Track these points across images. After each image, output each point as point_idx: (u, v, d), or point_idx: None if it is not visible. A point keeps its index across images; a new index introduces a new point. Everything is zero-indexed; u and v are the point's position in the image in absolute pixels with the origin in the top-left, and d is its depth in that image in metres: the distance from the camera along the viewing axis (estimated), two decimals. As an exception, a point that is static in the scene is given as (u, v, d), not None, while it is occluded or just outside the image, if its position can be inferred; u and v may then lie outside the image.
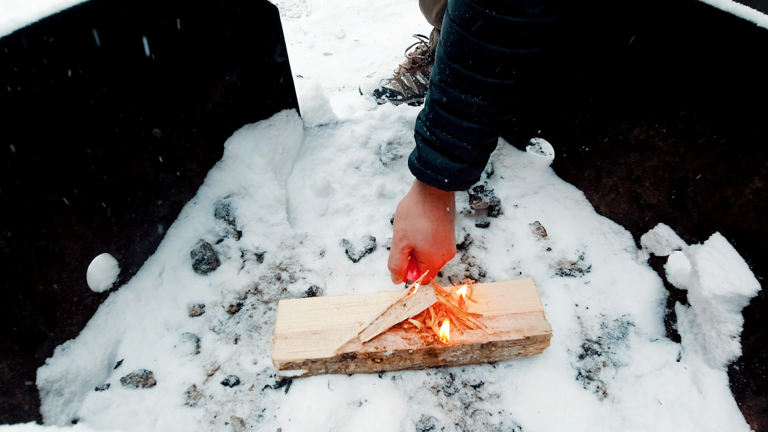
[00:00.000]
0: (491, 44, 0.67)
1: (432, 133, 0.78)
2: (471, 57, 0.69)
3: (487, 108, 0.73)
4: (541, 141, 1.34)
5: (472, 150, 0.77)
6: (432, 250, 0.85)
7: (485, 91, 0.71)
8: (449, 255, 0.88)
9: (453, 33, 0.69)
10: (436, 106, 0.76)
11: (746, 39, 0.67)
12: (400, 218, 0.87)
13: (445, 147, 0.77)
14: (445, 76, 0.73)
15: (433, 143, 0.79)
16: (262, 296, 1.00)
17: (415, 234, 0.84)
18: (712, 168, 0.80)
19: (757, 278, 0.74)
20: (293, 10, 2.36)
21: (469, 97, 0.72)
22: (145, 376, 0.86)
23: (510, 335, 0.81)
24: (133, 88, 0.85)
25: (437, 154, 0.78)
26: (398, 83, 1.56)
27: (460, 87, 0.72)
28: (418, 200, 0.85)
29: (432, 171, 0.79)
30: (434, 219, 0.84)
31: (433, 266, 0.87)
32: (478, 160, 0.80)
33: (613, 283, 0.98)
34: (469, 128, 0.75)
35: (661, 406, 0.81)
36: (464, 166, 0.79)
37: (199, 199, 1.08)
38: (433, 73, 0.77)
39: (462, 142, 0.76)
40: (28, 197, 0.72)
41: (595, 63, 0.92)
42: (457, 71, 0.71)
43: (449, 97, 0.73)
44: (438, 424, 0.81)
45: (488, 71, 0.69)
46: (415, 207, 0.85)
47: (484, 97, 0.72)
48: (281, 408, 0.83)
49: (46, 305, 0.78)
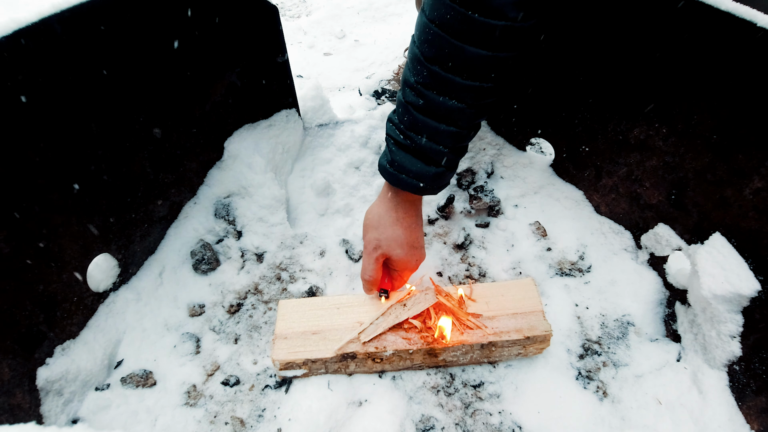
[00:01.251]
0: (472, 47, 0.65)
1: (406, 136, 0.75)
2: (450, 59, 0.67)
3: (465, 111, 0.71)
4: (541, 141, 1.34)
5: (449, 153, 0.75)
6: (407, 257, 0.83)
7: (464, 94, 0.70)
8: (421, 259, 0.86)
9: (431, 34, 0.67)
10: (411, 109, 0.73)
11: (746, 39, 0.67)
12: (371, 227, 0.84)
13: (421, 150, 0.75)
14: (422, 78, 0.71)
15: (408, 147, 0.76)
16: (262, 296, 1.00)
17: (389, 243, 0.81)
18: (712, 168, 0.80)
19: (757, 278, 0.74)
20: (293, 10, 2.36)
21: (447, 99, 0.70)
22: (145, 376, 0.86)
23: (510, 335, 0.81)
24: (133, 88, 0.85)
25: (412, 158, 0.76)
26: (398, 84, 1.56)
27: (437, 89, 0.70)
28: (389, 207, 0.82)
29: (406, 175, 0.77)
30: (407, 226, 0.82)
31: (406, 272, 0.86)
32: (452, 164, 0.79)
33: (613, 283, 0.98)
34: (446, 131, 0.73)
35: (661, 406, 0.81)
36: (440, 170, 0.76)
37: (199, 199, 1.08)
38: (406, 74, 0.74)
39: (438, 146, 0.74)
40: (28, 197, 0.72)
41: (595, 63, 0.92)
42: (436, 73, 0.69)
43: (426, 99, 0.71)
44: (438, 424, 0.81)
45: (468, 74, 0.68)
46: (386, 214, 0.82)
47: (462, 100, 0.70)
48: (281, 408, 0.83)
49: (46, 305, 0.78)
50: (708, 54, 0.74)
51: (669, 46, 0.79)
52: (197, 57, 0.95)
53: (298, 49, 2.00)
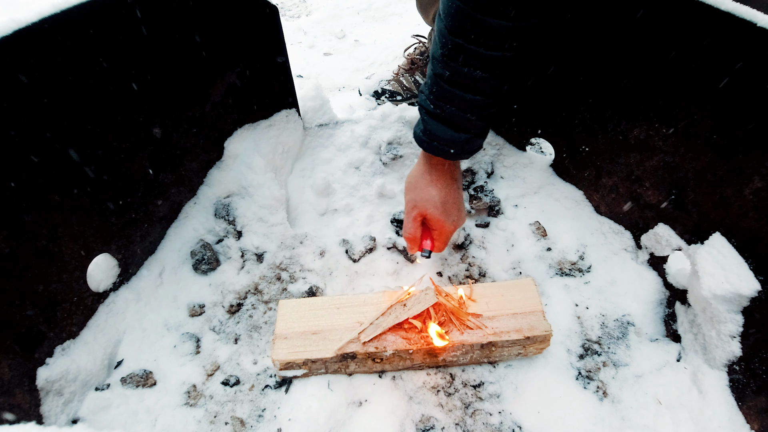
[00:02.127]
0: (494, 18, 0.69)
1: (436, 105, 0.80)
2: (473, 31, 0.71)
3: (488, 80, 0.75)
4: (541, 141, 1.34)
5: (476, 121, 0.80)
6: (442, 216, 0.87)
7: (487, 64, 0.73)
8: (460, 220, 0.91)
9: (454, 8, 0.71)
10: (438, 80, 0.78)
11: (746, 39, 0.67)
12: (409, 190, 0.90)
13: (450, 119, 0.80)
14: (446, 50, 0.75)
15: (438, 115, 0.81)
16: (262, 296, 1.00)
17: (424, 202, 0.87)
18: (712, 168, 0.80)
19: (757, 278, 0.74)
20: (293, 10, 2.36)
21: (471, 70, 0.74)
22: (145, 376, 0.86)
23: (510, 335, 0.81)
24: (133, 87, 0.85)
25: (442, 126, 0.81)
26: (397, 84, 1.55)
27: (462, 61, 0.74)
28: (424, 170, 0.88)
29: (438, 142, 0.82)
30: (441, 187, 0.87)
31: (444, 232, 0.90)
32: (480, 130, 0.83)
33: (613, 283, 0.98)
34: (472, 100, 0.77)
35: (661, 406, 0.81)
36: (468, 136, 0.81)
37: (199, 199, 1.08)
38: (434, 48, 0.78)
39: (466, 114, 0.79)
40: (28, 197, 0.72)
41: (596, 63, 0.92)
42: (459, 45, 0.72)
43: (451, 70, 0.75)
44: (438, 424, 0.81)
45: (490, 45, 0.71)
46: (422, 177, 0.88)
47: (486, 70, 0.74)
48: (281, 408, 0.83)
49: (46, 305, 0.78)
50: (708, 54, 0.74)
51: (669, 45, 0.79)
52: (197, 57, 0.95)
53: (298, 49, 2.00)
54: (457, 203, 0.89)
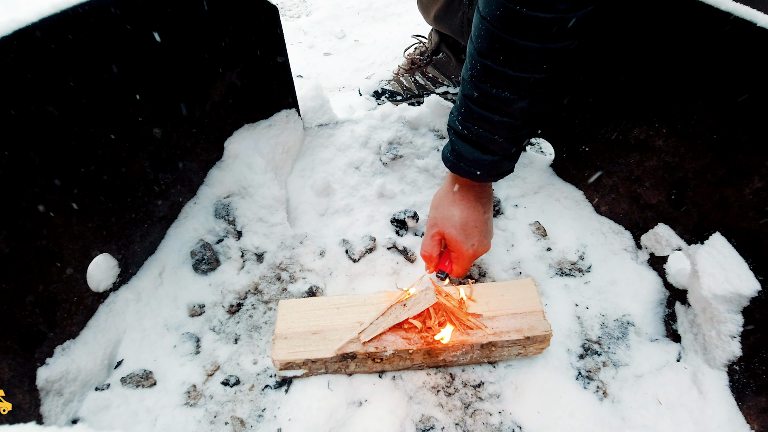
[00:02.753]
0: (522, 40, 0.68)
1: (464, 127, 0.80)
2: (501, 53, 0.70)
3: (517, 102, 0.74)
4: (541, 141, 1.34)
5: (504, 143, 0.79)
6: (460, 237, 0.86)
7: (515, 86, 0.72)
8: (482, 246, 0.88)
9: (483, 29, 0.70)
10: (467, 101, 0.78)
11: (746, 39, 0.67)
12: (433, 207, 0.91)
13: (477, 140, 0.80)
14: (475, 72, 0.74)
15: (466, 137, 0.81)
16: (262, 296, 1.00)
17: (444, 221, 0.87)
18: (712, 168, 0.80)
19: (757, 278, 0.74)
20: (293, 10, 2.36)
21: (500, 91, 0.73)
22: (145, 376, 0.86)
23: (510, 335, 0.81)
24: (133, 87, 0.85)
25: (469, 147, 0.81)
26: (397, 84, 1.56)
27: (490, 82, 0.73)
28: (449, 190, 0.89)
29: (465, 163, 0.82)
30: (464, 207, 0.86)
31: (462, 256, 0.88)
32: (509, 153, 0.82)
33: (613, 283, 0.98)
34: (500, 122, 0.76)
35: (661, 406, 0.81)
36: (495, 158, 0.81)
37: (199, 199, 1.08)
38: (464, 70, 0.78)
39: (494, 136, 0.78)
40: (28, 197, 0.72)
41: (595, 63, 0.92)
42: (488, 67, 0.72)
43: (480, 92, 0.75)
44: (438, 424, 0.81)
45: (519, 66, 0.71)
46: (446, 196, 0.89)
47: (514, 92, 0.73)
48: (281, 408, 0.83)
49: (46, 305, 0.78)
50: (708, 54, 0.74)
51: (669, 45, 0.79)
52: (197, 57, 0.95)
53: (298, 49, 2.00)
54: (479, 227, 0.87)
